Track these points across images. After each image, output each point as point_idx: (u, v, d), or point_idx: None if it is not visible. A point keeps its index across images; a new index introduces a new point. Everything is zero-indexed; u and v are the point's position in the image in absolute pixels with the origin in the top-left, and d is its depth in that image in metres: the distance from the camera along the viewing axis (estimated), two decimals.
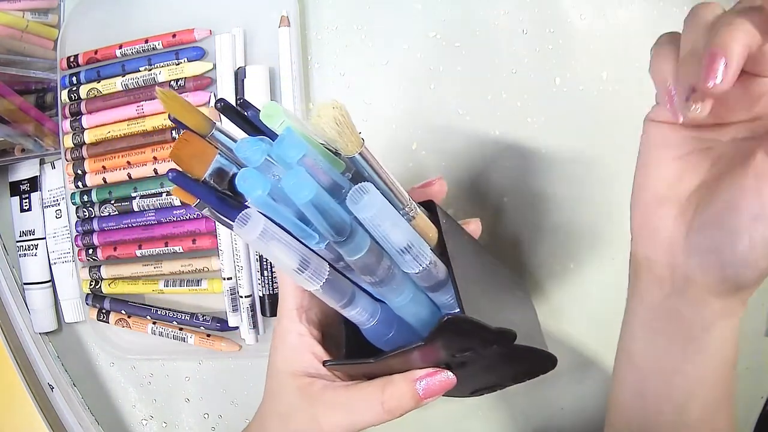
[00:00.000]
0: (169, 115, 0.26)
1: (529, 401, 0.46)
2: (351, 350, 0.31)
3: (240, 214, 0.23)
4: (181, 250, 0.45)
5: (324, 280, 0.25)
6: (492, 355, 0.31)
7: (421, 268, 0.26)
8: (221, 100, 0.27)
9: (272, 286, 0.44)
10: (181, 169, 0.25)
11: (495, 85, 0.44)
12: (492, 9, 0.44)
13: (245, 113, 0.27)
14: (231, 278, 0.44)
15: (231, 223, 0.25)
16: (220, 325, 0.45)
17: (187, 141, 0.25)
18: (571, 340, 0.45)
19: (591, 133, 0.44)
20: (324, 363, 0.31)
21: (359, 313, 0.28)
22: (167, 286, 0.46)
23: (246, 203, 0.25)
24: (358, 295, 0.28)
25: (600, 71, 0.44)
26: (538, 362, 0.35)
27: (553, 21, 0.44)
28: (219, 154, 0.25)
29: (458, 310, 0.27)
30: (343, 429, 0.30)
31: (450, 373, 0.30)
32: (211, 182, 0.25)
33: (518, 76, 0.44)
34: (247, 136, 0.26)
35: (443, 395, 0.31)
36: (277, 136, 0.24)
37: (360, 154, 0.25)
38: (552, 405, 0.46)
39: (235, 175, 0.25)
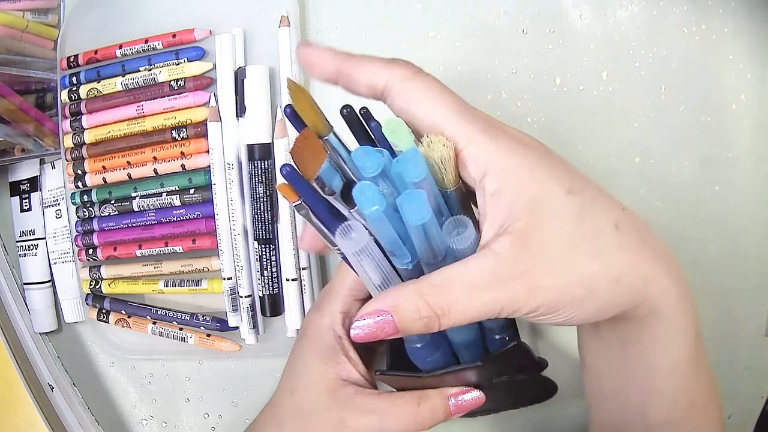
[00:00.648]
0: (285, 108, 0.26)
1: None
2: (391, 363, 0.33)
3: (343, 225, 0.24)
4: (181, 250, 0.45)
5: None
6: (514, 382, 0.33)
7: None
8: (347, 106, 0.27)
9: (272, 286, 0.44)
10: (295, 166, 0.24)
11: (495, 85, 0.44)
12: (492, 9, 0.44)
13: (366, 123, 0.27)
14: (231, 278, 0.44)
15: (326, 231, 0.26)
16: (220, 325, 0.45)
17: (306, 140, 0.25)
18: (570, 339, 0.45)
19: (591, 133, 0.44)
20: (377, 371, 0.32)
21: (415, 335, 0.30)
22: (167, 286, 0.46)
23: (351, 210, 0.25)
24: None
25: (600, 71, 0.44)
26: (542, 390, 0.36)
27: (553, 21, 0.44)
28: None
29: (507, 338, 0.30)
30: None
31: (480, 392, 0.31)
32: (317, 186, 0.25)
33: (518, 76, 0.44)
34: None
35: None
36: (388, 150, 0.25)
37: (453, 190, 0.26)
38: (552, 405, 0.46)
39: (348, 184, 0.25)
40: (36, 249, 0.49)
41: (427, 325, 0.25)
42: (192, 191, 0.44)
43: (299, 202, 0.25)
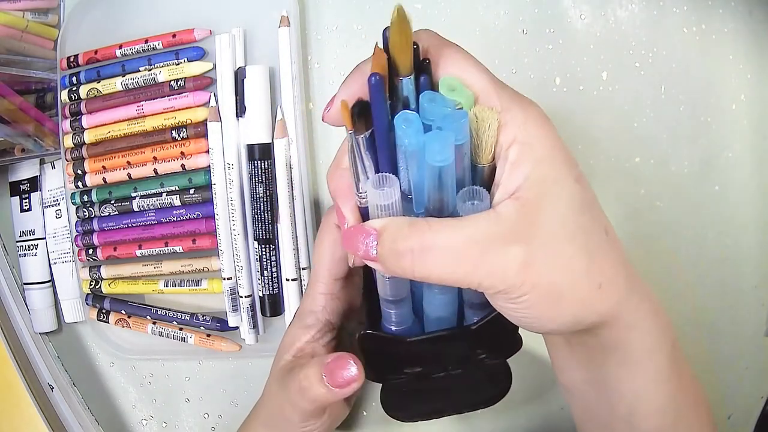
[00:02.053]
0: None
1: (529, 401, 0.46)
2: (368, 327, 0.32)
3: (381, 174, 0.24)
4: (181, 250, 0.45)
5: None
6: (472, 374, 0.33)
7: None
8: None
9: (272, 286, 0.44)
10: (382, 75, 0.23)
11: None
12: (492, 9, 0.44)
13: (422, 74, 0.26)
14: (231, 278, 0.44)
15: (363, 169, 0.24)
16: (220, 325, 0.45)
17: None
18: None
19: (591, 133, 0.44)
20: (362, 333, 0.31)
21: (397, 314, 0.30)
22: (167, 286, 0.46)
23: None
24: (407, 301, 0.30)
25: (600, 71, 0.44)
26: (493, 388, 0.36)
27: (553, 21, 0.44)
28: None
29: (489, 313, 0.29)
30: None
31: (357, 370, 0.31)
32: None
33: (518, 76, 0.44)
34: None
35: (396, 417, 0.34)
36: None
37: (484, 167, 0.25)
38: (552, 405, 0.46)
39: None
40: (36, 249, 0.49)
41: (404, 263, 0.24)
42: (192, 191, 0.44)
43: (354, 128, 0.24)
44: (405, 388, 0.34)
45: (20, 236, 0.49)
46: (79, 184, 0.46)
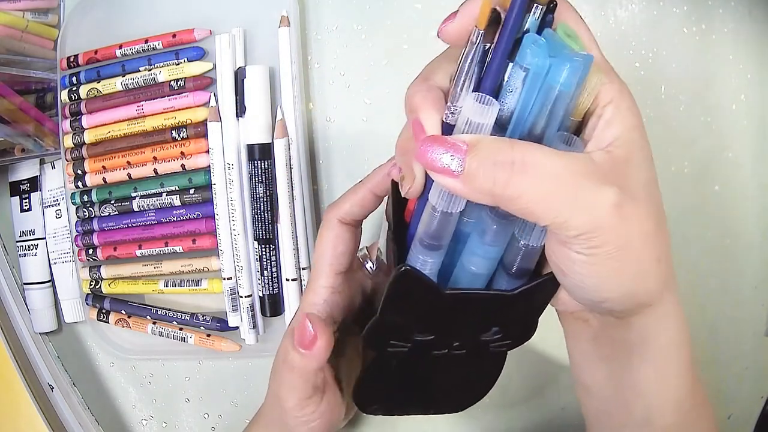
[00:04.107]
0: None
1: (530, 401, 0.46)
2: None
3: (482, 94, 0.23)
4: (181, 250, 0.45)
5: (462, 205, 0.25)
6: (467, 363, 0.32)
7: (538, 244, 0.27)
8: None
9: (272, 286, 0.44)
10: None
11: None
12: None
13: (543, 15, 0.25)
14: (231, 278, 0.44)
15: (470, 80, 0.24)
16: (220, 325, 0.45)
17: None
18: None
19: None
20: (402, 267, 0.28)
21: (430, 263, 0.28)
22: (167, 286, 0.46)
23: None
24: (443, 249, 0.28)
25: None
26: (473, 390, 0.35)
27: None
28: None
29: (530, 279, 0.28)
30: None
31: (311, 326, 0.32)
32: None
33: None
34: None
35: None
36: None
37: (574, 122, 0.26)
38: (552, 405, 0.46)
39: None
40: (36, 249, 0.49)
41: (499, 176, 0.22)
42: (192, 191, 0.44)
43: (484, 29, 0.23)
44: (394, 364, 0.32)
45: (20, 236, 0.49)
46: (79, 184, 0.46)
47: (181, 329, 0.46)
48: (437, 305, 0.28)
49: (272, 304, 0.44)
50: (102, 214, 0.46)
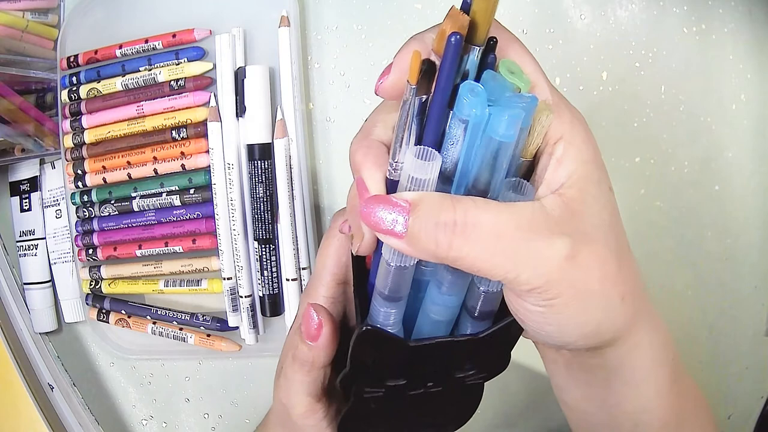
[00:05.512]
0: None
1: (530, 400, 0.46)
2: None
3: (423, 146, 0.22)
4: (181, 250, 0.45)
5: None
6: (446, 395, 0.32)
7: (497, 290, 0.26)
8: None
9: (272, 286, 0.44)
10: (461, 36, 0.21)
11: None
12: None
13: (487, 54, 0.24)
14: (231, 278, 0.44)
15: (409, 135, 0.23)
16: (220, 325, 0.45)
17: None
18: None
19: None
20: (364, 327, 0.28)
21: (392, 315, 0.28)
22: (167, 286, 0.46)
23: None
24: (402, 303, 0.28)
25: (600, 71, 0.44)
26: (455, 416, 0.35)
27: (553, 21, 0.44)
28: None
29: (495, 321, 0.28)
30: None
31: (316, 315, 0.31)
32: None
33: None
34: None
35: None
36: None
37: (523, 162, 0.24)
38: (552, 405, 0.46)
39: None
40: (36, 249, 0.49)
41: (441, 239, 0.22)
42: (192, 191, 0.44)
43: (416, 85, 0.22)
44: (374, 407, 0.32)
45: (20, 236, 0.49)
46: (79, 184, 0.46)
47: (181, 329, 0.46)
48: (404, 354, 0.28)
49: (272, 304, 0.44)
50: (102, 214, 0.46)
